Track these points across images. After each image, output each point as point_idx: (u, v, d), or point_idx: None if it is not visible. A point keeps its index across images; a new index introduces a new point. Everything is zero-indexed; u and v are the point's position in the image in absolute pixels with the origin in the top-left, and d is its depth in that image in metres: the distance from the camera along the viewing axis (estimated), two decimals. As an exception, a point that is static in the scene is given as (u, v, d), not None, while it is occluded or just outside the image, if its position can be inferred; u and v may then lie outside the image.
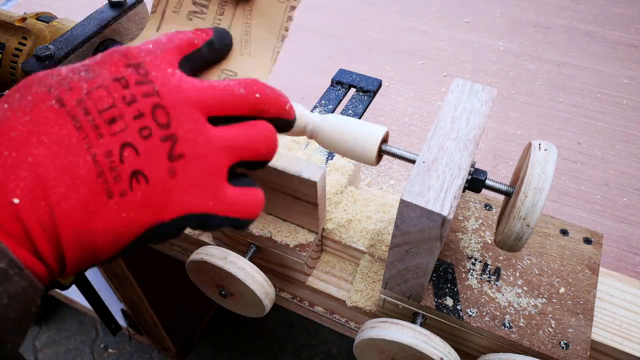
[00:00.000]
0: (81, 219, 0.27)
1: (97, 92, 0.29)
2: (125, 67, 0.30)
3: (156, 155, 0.29)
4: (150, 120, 0.29)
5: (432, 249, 0.44)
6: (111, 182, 0.28)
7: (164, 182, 0.29)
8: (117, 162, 0.28)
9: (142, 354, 1.77)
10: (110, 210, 0.28)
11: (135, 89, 0.30)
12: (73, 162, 0.27)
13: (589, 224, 0.73)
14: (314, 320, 0.68)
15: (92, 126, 0.28)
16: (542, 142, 0.44)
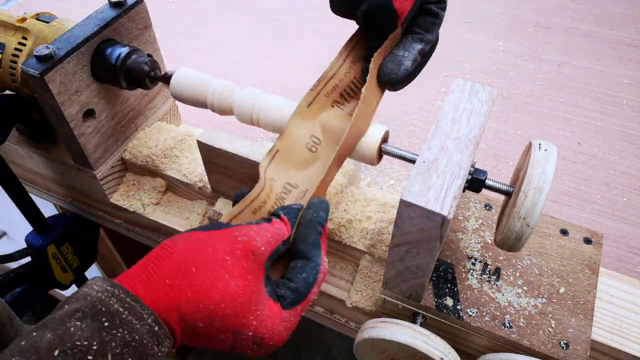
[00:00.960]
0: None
1: None
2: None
3: None
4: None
5: (432, 249, 0.44)
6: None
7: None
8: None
9: (142, 354, 1.76)
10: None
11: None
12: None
13: (589, 224, 0.73)
14: (314, 320, 0.68)
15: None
16: (542, 142, 0.44)
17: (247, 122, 0.55)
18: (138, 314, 0.33)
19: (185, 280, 0.36)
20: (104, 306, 0.32)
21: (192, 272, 0.36)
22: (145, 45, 0.67)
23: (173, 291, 0.35)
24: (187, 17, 1.16)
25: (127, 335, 0.32)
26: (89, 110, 0.61)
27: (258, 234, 0.38)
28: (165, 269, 0.36)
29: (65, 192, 0.79)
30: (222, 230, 0.38)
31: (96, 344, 0.31)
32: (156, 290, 0.35)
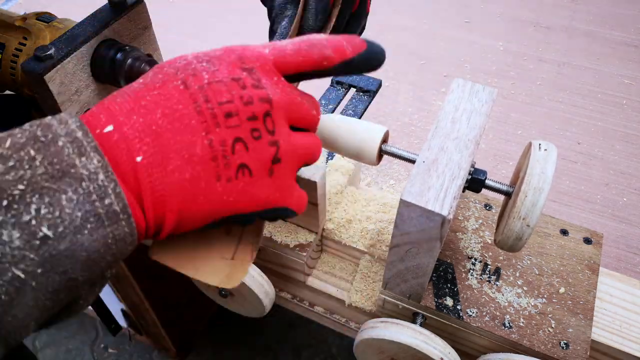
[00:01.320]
0: (189, 192, 0.31)
1: (217, 85, 0.32)
2: (240, 69, 0.33)
3: (263, 155, 0.33)
4: (261, 124, 0.33)
5: (432, 249, 0.44)
6: (222, 168, 0.32)
7: (263, 179, 0.34)
8: (229, 152, 0.32)
9: (142, 354, 1.77)
10: (215, 191, 0.32)
11: (252, 92, 0.33)
12: (191, 141, 0.31)
13: (589, 224, 0.73)
14: (314, 320, 0.68)
15: (210, 114, 0.31)
16: (542, 142, 0.44)
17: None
18: (63, 120, 0.29)
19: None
20: (39, 121, 0.29)
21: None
22: (145, 45, 0.67)
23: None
24: (187, 17, 1.16)
25: (38, 131, 0.28)
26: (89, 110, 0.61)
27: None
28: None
29: (65, 192, 0.79)
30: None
31: (3, 134, 0.28)
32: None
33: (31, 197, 0.26)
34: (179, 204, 0.31)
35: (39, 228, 0.26)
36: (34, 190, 0.26)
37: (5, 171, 0.26)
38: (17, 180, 0.26)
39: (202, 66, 0.33)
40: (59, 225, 0.27)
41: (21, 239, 0.26)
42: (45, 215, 0.27)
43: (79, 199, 0.27)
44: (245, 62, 0.34)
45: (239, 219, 0.35)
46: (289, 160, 0.35)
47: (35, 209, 0.26)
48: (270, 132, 0.33)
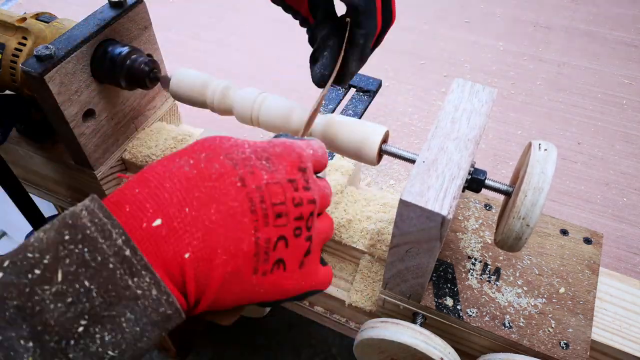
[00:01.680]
0: (228, 283, 0.32)
1: (274, 187, 0.33)
2: (297, 170, 0.35)
3: (298, 251, 0.35)
4: (304, 224, 0.35)
5: (432, 249, 0.44)
6: (261, 262, 0.33)
7: (294, 271, 0.35)
8: (270, 249, 0.33)
9: (142, 354, 1.76)
10: (251, 283, 0.33)
11: (302, 195, 0.35)
12: (240, 238, 0.32)
13: (589, 224, 0.73)
14: (314, 320, 0.68)
15: (263, 214, 0.32)
16: (542, 142, 0.44)
17: (247, 122, 0.55)
18: (106, 232, 0.28)
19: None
20: (72, 219, 0.28)
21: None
22: (145, 45, 0.67)
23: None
24: (187, 17, 1.16)
25: (86, 254, 0.27)
26: (89, 110, 0.61)
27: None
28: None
29: (65, 192, 0.79)
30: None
31: (49, 257, 0.27)
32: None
33: (94, 328, 0.27)
34: (216, 293, 0.32)
35: (106, 352, 0.28)
36: (95, 322, 0.27)
37: (66, 310, 0.27)
38: (78, 317, 0.27)
39: (261, 164, 0.34)
40: (122, 343, 0.28)
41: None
42: (109, 340, 0.28)
43: (137, 316, 0.28)
44: (303, 162, 0.36)
45: (265, 305, 0.36)
46: (316, 249, 0.37)
47: (99, 337, 0.27)
48: (308, 229, 0.35)
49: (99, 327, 0.27)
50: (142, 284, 0.28)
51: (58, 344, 0.26)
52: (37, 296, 0.26)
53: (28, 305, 0.26)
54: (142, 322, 0.29)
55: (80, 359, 0.27)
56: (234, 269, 0.32)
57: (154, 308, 0.29)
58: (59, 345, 0.26)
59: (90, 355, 0.27)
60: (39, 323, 0.26)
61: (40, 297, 0.26)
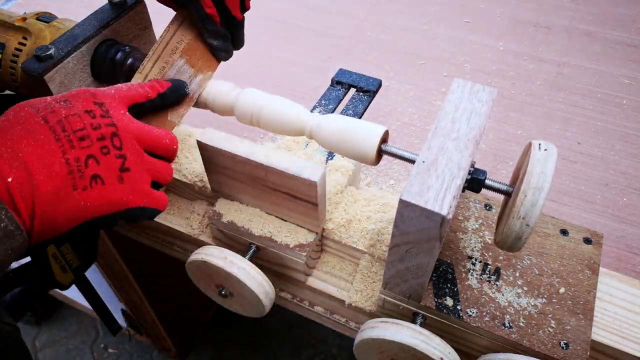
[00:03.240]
0: (52, 201, 0.39)
1: (73, 118, 0.42)
2: (92, 103, 0.44)
3: (111, 166, 0.43)
4: (109, 143, 0.43)
5: (432, 249, 0.44)
6: (77, 179, 0.41)
7: (115, 185, 0.43)
8: (82, 166, 0.41)
9: (142, 354, 1.77)
10: (74, 198, 0.41)
11: (100, 120, 0.43)
12: (51, 161, 0.40)
13: (589, 224, 0.73)
14: (314, 320, 0.68)
15: (67, 140, 0.41)
16: (542, 141, 0.44)
17: (247, 122, 0.55)
18: None
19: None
20: None
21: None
22: (145, 45, 0.67)
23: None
24: (187, 17, 1.16)
25: None
26: (89, 110, 0.61)
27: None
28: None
29: (65, 192, 0.79)
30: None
31: None
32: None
33: None
34: (44, 211, 0.39)
35: None
36: None
37: None
38: None
39: (59, 104, 0.42)
40: None
41: None
42: None
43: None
44: (97, 98, 0.44)
45: (104, 221, 0.43)
46: (138, 170, 0.44)
47: None
48: (118, 148, 0.43)
49: None
50: None
51: None
52: None
53: None
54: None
55: None
56: (53, 187, 0.39)
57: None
58: None
59: None
60: None
61: None
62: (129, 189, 0.44)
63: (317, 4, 1.18)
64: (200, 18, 0.55)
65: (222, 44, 0.58)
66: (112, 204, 0.43)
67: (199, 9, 0.54)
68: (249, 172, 0.55)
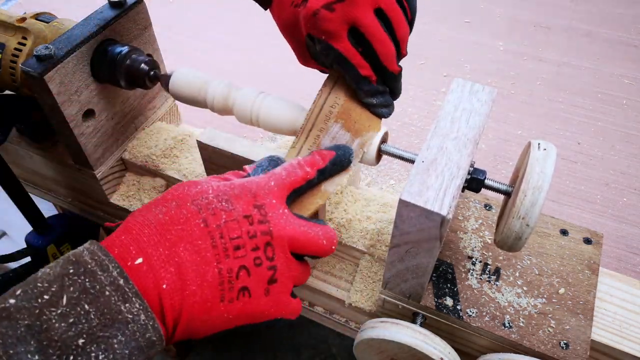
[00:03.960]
0: (198, 311, 0.37)
1: (232, 223, 0.39)
2: (253, 207, 0.40)
3: (261, 279, 0.40)
4: (262, 253, 0.40)
5: (432, 248, 0.44)
6: (226, 291, 0.38)
7: (260, 298, 0.40)
8: (233, 278, 0.38)
9: (142, 354, 1.76)
10: (219, 310, 0.38)
11: (257, 227, 0.39)
12: (205, 270, 0.37)
13: (589, 224, 0.73)
14: (314, 320, 0.68)
15: (223, 248, 0.38)
16: (541, 141, 0.44)
17: (247, 122, 0.55)
18: (104, 266, 0.34)
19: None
20: (75, 257, 0.34)
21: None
22: (145, 45, 0.67)
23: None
24: (187, 17, 1.16)
25: (87, 283, 0.33)
26: (89, 110, 0.61)
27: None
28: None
29: (65, 192, 0.79)
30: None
31: (56, 287, 0.32)
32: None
33: (90, 346, 0.32)
34: (188, 319, 0.37)
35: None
36: (92, 340, 0.32)
37: (68, 328, 0.32)
38: (78, 335, 0.32)
39: (221, 205, 0.39)
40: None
41: None
42: (103, 359, 0.32)
43: (127, 339, 0.34)
44: (258, 200, 0.41)
45: (237, 328, 0.41)
46: (285, 279, 0.41)
47: (94, 356, 0.32)
48: (270, 259, 0.40)
49: (95, 346, 0.32)
50: (132, 309, 0.34)
51: (59, 358, 0.31)
52: (44, 316, 0.31)
53: (36, 324, 0.31)
54: (131, 346, 0.34)
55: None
56: (202, 298, 0.37)
57: (141, 333, 0.34)
58: (60, 359, 0.31)
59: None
60: (45, 339, 0.31)
61: (48, 317, 0.31)
62: (272, 301, 0.41)
63: (317, 4, 1.18)
64: (354, 80, 0.48)
65: (381, 100, 0.50)
66: (253, 317, 0.41)
67: (352, 70, 0.47)
68: (249, 172, 0.55)
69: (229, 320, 0.39)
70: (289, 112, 0.53)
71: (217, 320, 0.39)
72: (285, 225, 0.41)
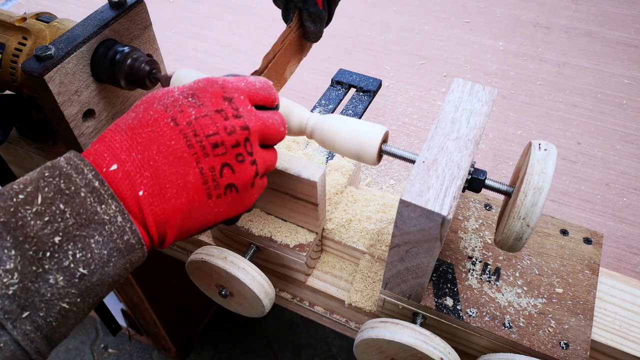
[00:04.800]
0: (186, 212, 0.38)
1: (203, 119, 0.38)
2: (222, 99, 0.39)
3: (247, 175, 0.40)
4: (244, 149, 0.39)
5: (432, 249, 0.44)
6: (212, 189, 0.38)
7: (247, 191, 0.41)
8: (217, 176, 0.38)
9: (142, 354, 1.77)
10: (208, 207, 0.39)
11: (234, 122, 0.39)
12: (185, 171, 0.37)
13: (589, 224, 0.73)
14: (314, 320, 0.68)
15: (200, 147, 0.37)
16: (541, 142, 0.44)
17: (247, 122, 0.55)
18: (79, 169, 0.34)
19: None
20: (52, 163, 0.34)
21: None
22: (145, 45, 0.67)
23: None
24: (187, 17, 1.16)
25: (62, 184, 0.33)
26: (89, 110, 0.61)
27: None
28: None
29: (65, 192, 0.79)
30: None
31: (31, 188, 0.33)
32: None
33: (67, 245, 0.32)
34: (178, 222, 0.38)
35: (77, 269, 0.33)
36: (68, 239, 0.33)
37: (44, 226, 0.32)
38: (54, 233, 0.32)
39: (188, 102, 0.38)
40: (91, 263, 0.33)
41: (64, 279, 0.32)
42: (80, 258, 0.33)
43: (104, 240, 0.34)
44: (227, 92, 0.40)
45: (231, 221, 0.43)
46: (262, 172, 0.43)
47: (71, 254, 0.33)
48: (250, 154, 0.40)
49: (72, 244, 0.33)
50: (109, 211, 0.34)
51: (36, 253, 0.31)
52: (19, 214, 0.32)
53: (12, 221, 0.31)
54: (109, 247, 0.34)
55: (54, 271, 0.32)
56: (188, 199, 0.37)
57: (119, 235, 0.34)
58: (37, 255, 0.31)
59: (63, 270, 0.32)
60: (21, 234, 0.31)
61: (23, 215, 0.32)
62: (257, 190, 0.43)
63: (317, 4, 1.18)
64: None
65: (318, 29, 0.57)
66: (242, 207, 0.42)
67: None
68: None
69: (219, 214, 0.40)
70: (289, 113, 0.53)
71: (209, 216, 0.40)
72: (256, 118, 0.41)
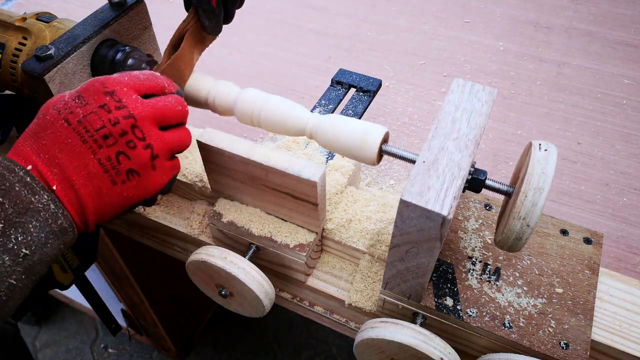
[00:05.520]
0: (97, 198, 0.43)
1: (91, 116, 0.43)
2: (103, 94, 0.44)
3: (142, 159, 0.44)
4: (132, 136, 0.44)
5: (432, 249, 0.44)
6: (114, 176, 0.43)
7: (149, 174, 0.45)
8: (115, 164, 0.43)
9: (142, 354, 1.77)
10: (115, 192, 0.44)
11: (117, 113, 0.43)
12: (85, 163, 0.42)
13: (589, 224, 0.73)
14: (314, 320, 0.68)
15: (92, 140, 0.43)
16: (542, 142, 0.44)
17: (248, 122, 0.55)
18: (10, 169, 0.40)
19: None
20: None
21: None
22: (145, 45, 0.67)
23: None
24: (187, 17, 1.16)
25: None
26: (89, 110, 0.61)
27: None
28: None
29: (65, 192, 0.79)
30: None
31: None
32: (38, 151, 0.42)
33: (9, 230, 0.38)
34: (94, 208, 0.43)
35: (20, 250, 0.39)
36: (10, 225, 0.39)
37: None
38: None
39: (75, 103, 0.43)
40: (31, 245, 0.39)
41: (10, 259, 0.38)
42: (22, 240, 0.39)
43: (41, 225, 0.40)
44: (107, 87, 0.44)
45: (146, 202, 0.47)
46: (164, 152, 0.46)
47: (14, 238, 0.39)
48: (142, 139, 0.44)
49: (13, 229, 0.38)
50: (42, 200, 0.40)
51: None
52: None
53: None
54: (46, 231, 0.40)
55: (1, 252, 0.38)
56: (94, 187, 0.43)
57: (54, 219, 0.41)
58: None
59: (9, 251, 0.38)
60: None
61: None
62: (161, 172, 0.46)
63: (317, 4, 1.18)
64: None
65: (213, 25, 0.56)
66: (151, 189, 0.46)
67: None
68: (249, 172, 0.55)
69: (130, 198, 0.45)
70: (289, 113, 0.53)
71: (120, 200, 0.44)
72: (142, 106, 0.44)
